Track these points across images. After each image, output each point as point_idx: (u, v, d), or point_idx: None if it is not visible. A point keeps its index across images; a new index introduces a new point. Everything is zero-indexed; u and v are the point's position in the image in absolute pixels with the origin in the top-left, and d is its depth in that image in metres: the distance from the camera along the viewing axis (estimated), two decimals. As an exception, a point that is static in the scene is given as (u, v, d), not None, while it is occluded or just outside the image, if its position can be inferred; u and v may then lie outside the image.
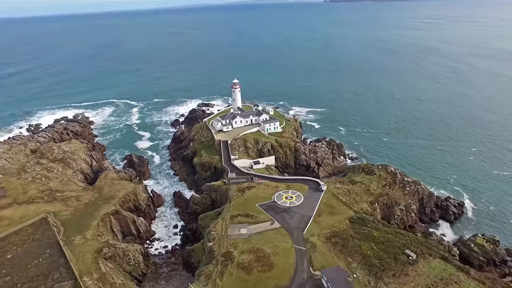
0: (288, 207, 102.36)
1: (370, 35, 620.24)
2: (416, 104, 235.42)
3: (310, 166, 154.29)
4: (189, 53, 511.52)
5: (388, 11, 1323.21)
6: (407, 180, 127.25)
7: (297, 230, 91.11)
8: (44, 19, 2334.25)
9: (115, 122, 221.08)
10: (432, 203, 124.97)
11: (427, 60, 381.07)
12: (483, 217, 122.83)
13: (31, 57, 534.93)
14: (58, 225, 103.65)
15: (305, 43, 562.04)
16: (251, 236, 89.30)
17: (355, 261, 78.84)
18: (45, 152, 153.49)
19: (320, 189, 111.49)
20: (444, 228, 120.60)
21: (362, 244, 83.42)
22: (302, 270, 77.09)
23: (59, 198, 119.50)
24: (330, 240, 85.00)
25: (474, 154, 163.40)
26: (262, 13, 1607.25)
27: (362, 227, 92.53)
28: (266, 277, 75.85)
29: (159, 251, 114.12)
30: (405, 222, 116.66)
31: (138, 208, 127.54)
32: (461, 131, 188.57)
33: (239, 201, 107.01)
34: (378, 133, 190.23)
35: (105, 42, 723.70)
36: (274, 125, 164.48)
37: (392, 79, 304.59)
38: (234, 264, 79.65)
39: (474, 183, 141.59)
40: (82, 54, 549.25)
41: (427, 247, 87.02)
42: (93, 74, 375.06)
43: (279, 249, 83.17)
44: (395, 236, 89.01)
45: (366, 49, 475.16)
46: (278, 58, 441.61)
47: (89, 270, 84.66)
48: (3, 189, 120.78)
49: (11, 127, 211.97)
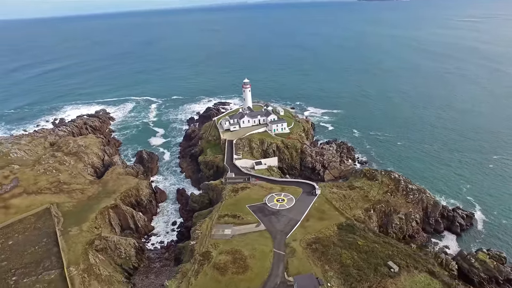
0: (277, 210, 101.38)
1: (405, 34, 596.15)
2: (445, 108, 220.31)
3: (316, 168, 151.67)
4: (221, 51, 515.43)
5: (427, 10, 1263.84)
6: (411, 187, 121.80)
7: (280, 234, 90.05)
8: (85, 18, 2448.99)
9: (133, 118, 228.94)
10: (437, 213, 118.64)
11: (468, 61, 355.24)
12: (493, 231, 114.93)
13: (75, 53, 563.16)
14: (59, 216, 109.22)
15: (340, 42, 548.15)
16: (234, 237, 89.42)
17: (333, 270, 76.72)
18: (62, 146, 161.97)
19: (314, 193, 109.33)
20: (449, 240, 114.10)
21: (343, 253, 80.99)
22: (276, 275, 76.18)
23: (65, 190, 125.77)
24: (311, 246, 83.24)
25: (494, 162, 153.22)
26: (294, 13, 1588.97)
27: (349, 235, 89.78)
28: (239, 279, 75.77)
29: (155, 246, 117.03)
30: (405, 232, 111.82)
31: (140, 203, 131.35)
32: (490, 140, 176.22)
33: (231, 201, 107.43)
34: (393, 137, 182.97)
35: (145, 40, 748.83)
36: (282, 126, 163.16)
37: (422, 80, 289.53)
38: (210, 264, 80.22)
39: (488, 194, 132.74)
40: (122, 51, 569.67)
41: (415, 259, 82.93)
42: (125, 72, 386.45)
43: (257, 252, 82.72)
44: (382, 246, 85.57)
45: (400, 49, 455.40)
46: (311, 57, 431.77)
47: (77, 261, 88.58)
48: (16, 179, 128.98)
49: (39, 120, 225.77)
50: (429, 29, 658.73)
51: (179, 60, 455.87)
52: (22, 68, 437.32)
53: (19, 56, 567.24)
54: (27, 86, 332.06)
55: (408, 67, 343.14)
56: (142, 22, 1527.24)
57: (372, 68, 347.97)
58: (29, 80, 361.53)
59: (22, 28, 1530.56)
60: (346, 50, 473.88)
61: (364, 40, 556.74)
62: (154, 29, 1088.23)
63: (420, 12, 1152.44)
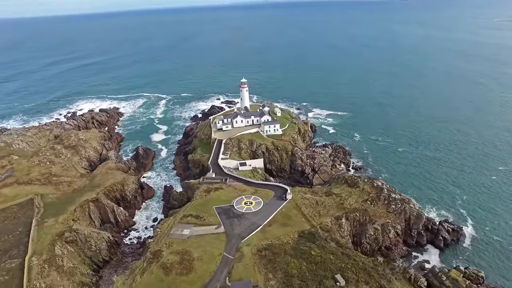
0: (242, 213, 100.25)
1: (440, 35, 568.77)
2: (468, 122, 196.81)
3: (305, 172, 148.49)
4: (249, 50, 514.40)
5: (463, 10, 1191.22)
6: (394, 196, 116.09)
7: (236, 238, 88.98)
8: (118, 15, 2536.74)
9: (141, 114, 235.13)
10: (421, 225, 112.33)
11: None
12: (480, 248, 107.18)
13: (109, 49, 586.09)
14: (40, 207, 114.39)
15: (370, 42, 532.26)
16: (190, 238, 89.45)
17: (275, 278, 74.72)
18: (63, 139, 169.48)
19: (285, 197, 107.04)
20: (431, 255, 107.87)
21: (291, 262, 78.63)
22: (218, 280, 75.41)
23: (53, 182, 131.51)
24: (261, 253, 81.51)
25: (498, 174, 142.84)
26: (323, 13, 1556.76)
27: (307, 243, 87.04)
28: (181, 280, 75.79)
29: (131, 241, 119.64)
30: (380, 243, 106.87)
31: (124, 198, 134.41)
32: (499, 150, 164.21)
33: (200, 202, 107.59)
34: (395, 143, 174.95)
35: (179, 36, 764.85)
36: (274, 127, 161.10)
37: (451, 86, 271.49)
38: (158, 263, 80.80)
39: (484, 208, 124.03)
40: (155, 48, 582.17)
41: (369, 274, 78.96)
42: (147, 70, 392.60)
43: (206, 254, 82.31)
44: (337, 257, 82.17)
45: (437, 51, 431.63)
46: (340, 58, 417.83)
47: (42, 251, 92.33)
48: (12, 169, 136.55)
49: (53, 113, 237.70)
50: (469, 28, 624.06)
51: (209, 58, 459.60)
52: (57, 63, 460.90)
53: (53, 52, 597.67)
54: (54, 81, 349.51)
55: (441, 69, 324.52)
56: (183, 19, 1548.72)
57: (403, 72, 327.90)
58: (59, 75, 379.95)
59: (65, 24, 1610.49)
60: (376, 50, 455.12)
61: (401, 42, 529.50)
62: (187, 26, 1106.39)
63: (457, 13, 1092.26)
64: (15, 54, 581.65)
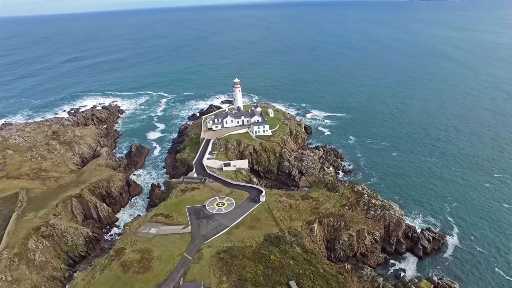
0: (212, 214, 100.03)
1: (458, 35, 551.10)
2: (481, 135, 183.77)
3: (292, 174, 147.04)
4: (270, 48, 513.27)
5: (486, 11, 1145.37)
6: (374, 202, 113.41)
7: (200, 239, 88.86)
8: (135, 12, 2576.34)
9: (142, 111, 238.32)
10: (400, 232, 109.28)
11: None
12: (461, 258, 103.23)
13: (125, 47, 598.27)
14: (23, 201, 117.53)
15: (390, 43, 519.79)
16: (155, 237, 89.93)
17: (228, 282, 74.09)
18: (60, 135, 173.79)
19: (257, 200, 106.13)
20: (409, 263, 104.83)
21: (248, 265, 77.77)
22: (173, 280, 75.46)
23: (42, 177, 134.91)
24: (219, 255, 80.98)
25: (492, 181, 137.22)
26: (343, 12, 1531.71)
27: (270, 247, 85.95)
28: (137, 279, 76.26)
29: (112, 237, 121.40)
30: (355, 249, 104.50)
31: (110, 195, 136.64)
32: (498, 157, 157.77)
33: (174, 201, 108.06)
34: (389, 147, 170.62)
35: (195, 35, 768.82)
36: (264, 128, 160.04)
37: (470, 91, 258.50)
38: (119, 261, 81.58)
39: (472, 217, 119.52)
40: (169, 47, 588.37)
41: (328, 282, 77.23)
42: (156, 70, 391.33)
43: (166, 254, 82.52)
44: (298, 263, 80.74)
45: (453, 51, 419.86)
46: (361, 60, 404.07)
47: (14, 245, 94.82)
48: (3, 164, 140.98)
49: (57, 109, 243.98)
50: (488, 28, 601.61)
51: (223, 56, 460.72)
52: (72, 60, 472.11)
53: (79, 46, 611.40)
54: (65, 78, 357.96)
55: (454, 72, 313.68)
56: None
57: (417, 78, 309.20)
58: (70, 72, 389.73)
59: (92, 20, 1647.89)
60: (403, 54, 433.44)
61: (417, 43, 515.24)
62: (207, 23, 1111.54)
63: (479, 14, 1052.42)
64: (36, 51, 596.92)
